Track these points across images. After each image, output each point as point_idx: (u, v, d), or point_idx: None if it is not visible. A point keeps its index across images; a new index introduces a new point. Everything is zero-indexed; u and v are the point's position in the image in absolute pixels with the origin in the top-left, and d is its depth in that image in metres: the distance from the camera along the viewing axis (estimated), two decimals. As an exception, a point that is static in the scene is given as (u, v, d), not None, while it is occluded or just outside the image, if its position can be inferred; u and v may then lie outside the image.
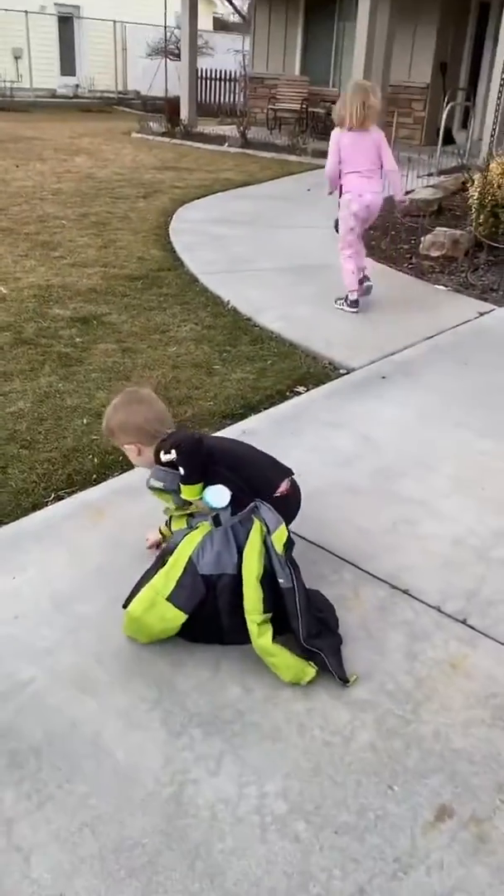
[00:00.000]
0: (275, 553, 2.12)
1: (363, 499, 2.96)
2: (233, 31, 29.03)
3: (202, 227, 7.21)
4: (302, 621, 2.12)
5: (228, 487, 2.14)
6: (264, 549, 2.13)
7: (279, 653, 2.09)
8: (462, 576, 2.54)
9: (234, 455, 2.30)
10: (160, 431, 2.27)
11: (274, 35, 15.53)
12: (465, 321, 4.86)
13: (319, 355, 4.34)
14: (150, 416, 2.29)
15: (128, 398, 2.37)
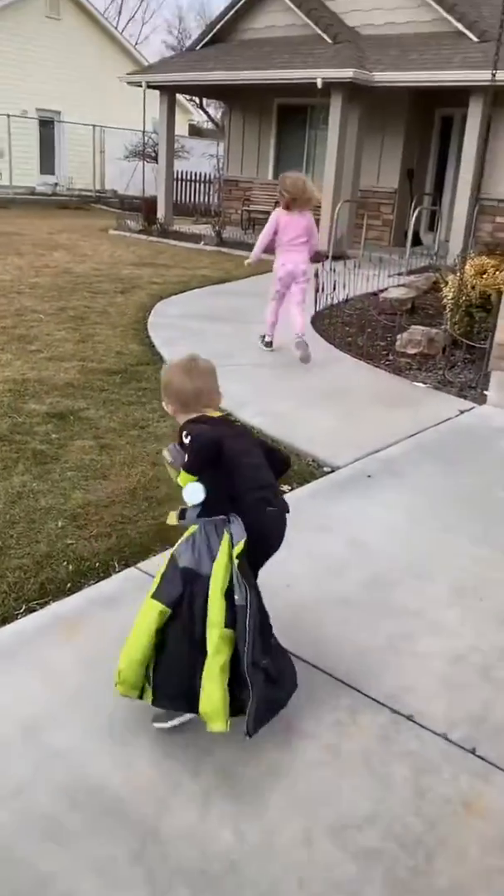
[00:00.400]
0: (235, 568, 2.11)
1: (358, 612, 2.80)
2: (208, 137, 30.51)
3: (181, 321, 7.24)
4: (248, 643, 2.07)
5: (213, 493, 2.14)
6: (230, 563, 2.12)
7: (217, 684, 2.05)
8: (467, 698, 2.37)
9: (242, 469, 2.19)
10: (194, 407, 2.29)
11: (247, 142, 16.26)
12: (446, 419, 4.84)
13: (303, 452, 4.25)
14: (188, 387, 2.29)
15: (181, 364, 2.35)
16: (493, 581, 3.05)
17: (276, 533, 2.27)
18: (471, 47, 12.02)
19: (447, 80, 11.72)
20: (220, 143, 21.33)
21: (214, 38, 15.18)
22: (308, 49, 13.26)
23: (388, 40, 13.17)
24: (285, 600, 2.82)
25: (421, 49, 12.55)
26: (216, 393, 2.34)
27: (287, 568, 3.01)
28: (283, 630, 2.64)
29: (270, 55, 13.72)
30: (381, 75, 12.32)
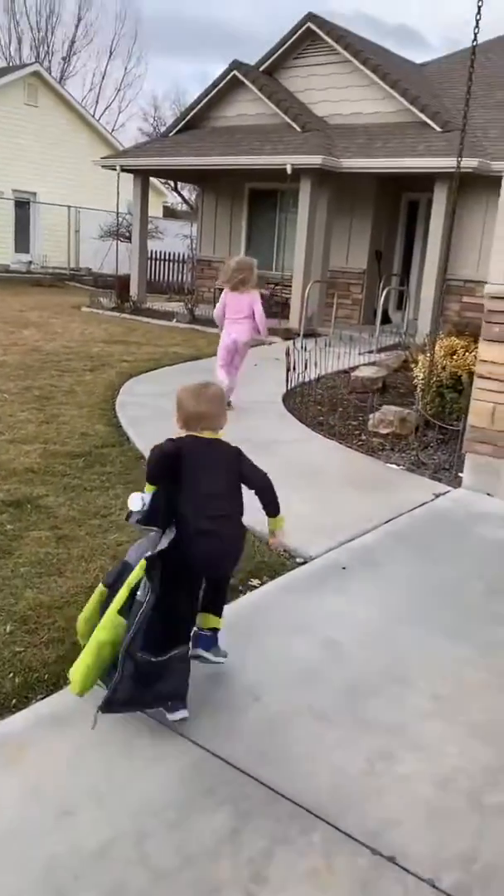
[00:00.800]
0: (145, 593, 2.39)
1: (333, 727, 2.55)
2: (182, 218, 31.28)
3: (151, 400, 7.10)
4: (131, 632, 2.35)
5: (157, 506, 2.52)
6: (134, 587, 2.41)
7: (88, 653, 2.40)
8: (455, 832, 2.12)
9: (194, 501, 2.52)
10: (194, 426, 2.62)
11: (220, 223, 16.61)
12: (421, 503, 4.68)
13: (273, 542, 4.04)
14: (192, 409, 2.64)
15: (193, 388, 2.69)
16: (476, 686, 2.82)
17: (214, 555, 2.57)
18: (434, 136, 12.48)
19: (412, 167, 12.11)
20: (194, 224, 21.82)
21: (188, 125, 15.66)
22: (278, 136, 13.69)
23: (355, 129, 13.66)
24: (254, 716, 2.58)
25: (386, 137, 13.01)
26: (218, 417, 2.68)
27: (257, 677, 2.79)
28: (251, 751, 2.39)
29: (241, 142, 14.14)
30: (349, 162, 12.70)
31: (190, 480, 2.53)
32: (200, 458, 2.58)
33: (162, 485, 2.54)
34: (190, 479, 2.53)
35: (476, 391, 4.90)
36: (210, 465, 2.60)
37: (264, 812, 2.17)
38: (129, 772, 2.31)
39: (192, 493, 2.52)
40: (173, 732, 2.48)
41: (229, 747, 2.42)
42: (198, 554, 2.51)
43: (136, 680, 2.36)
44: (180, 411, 2.67)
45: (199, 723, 2.53)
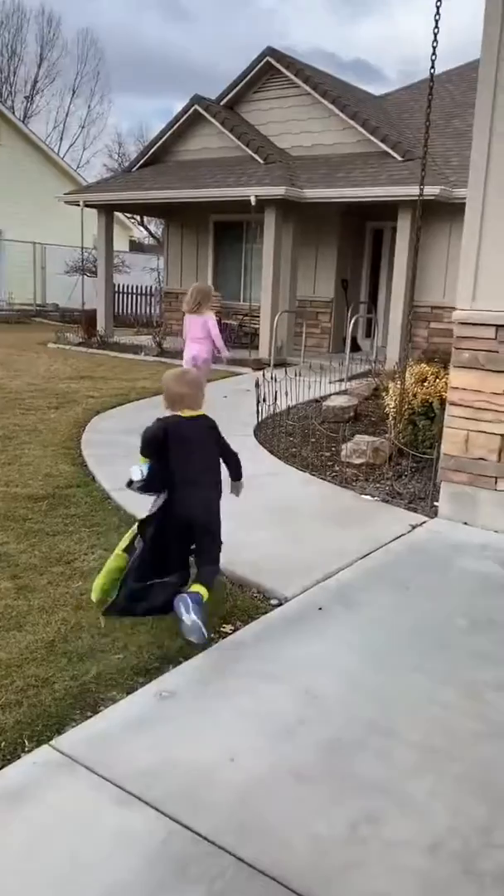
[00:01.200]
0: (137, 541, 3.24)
1: (314, 788, 2.36)
2: (148, 251, 31.35)
3: (117, 437, 6.91)
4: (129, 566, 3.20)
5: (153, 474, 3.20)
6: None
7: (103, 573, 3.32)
8: (451, 906, 1.94)
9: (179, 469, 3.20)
10: (178, 406, 3.27)
11: (186, 256, 16.59)
12: (398, 536, 4.54)
13: (246, 582, 3.87)
14: (175, 391, 3.29)
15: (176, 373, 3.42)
16: (464, 734, 2.66)
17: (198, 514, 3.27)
18: (396, 165, 12.61)
19: (375, 196, 12.19)
20: (161, 257, 21.82)
21: (151, 160, 15.69)
22: (241, 169, 13.75)
23: (317, 160, 13.77)
24: (228, 779, 2.39)
25: (349, 168, 13.12)
26: (196, 398, 3.31)
27: (232, 735, 2.60)
28: (226, 820, 2.20)
29: (205, 175, 14.18)
30: (312, 192, 12.77)
31: (176, 451, 3.20)
32: (183, 432, 3.24)
33: (154, 457, 3.21)
34: (176, 450, 3.20)
35: (448, 419, 4.80)
36: (191, 437, 3.27)
37: (241, 890, 1.98)
38: (94, 853, 2.10)
39: (178, 460, 3.19)
40: (140, 802, 2.28)
41: (203, 819, 2.22)
42: (185, 505, 3.21)
43: (129, 598, 3.17)
44: (166, 393, 3.34)
45: (169, 789, 2.33)
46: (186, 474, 3.21)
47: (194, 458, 3.24)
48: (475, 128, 4.44)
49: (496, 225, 4.43)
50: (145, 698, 2.82)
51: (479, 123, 4.44)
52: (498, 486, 4.62)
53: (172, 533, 3.24)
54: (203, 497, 3.27)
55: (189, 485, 3.22)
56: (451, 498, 4.83)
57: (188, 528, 3.26)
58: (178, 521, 3.23)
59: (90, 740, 2.55)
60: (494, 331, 4.50)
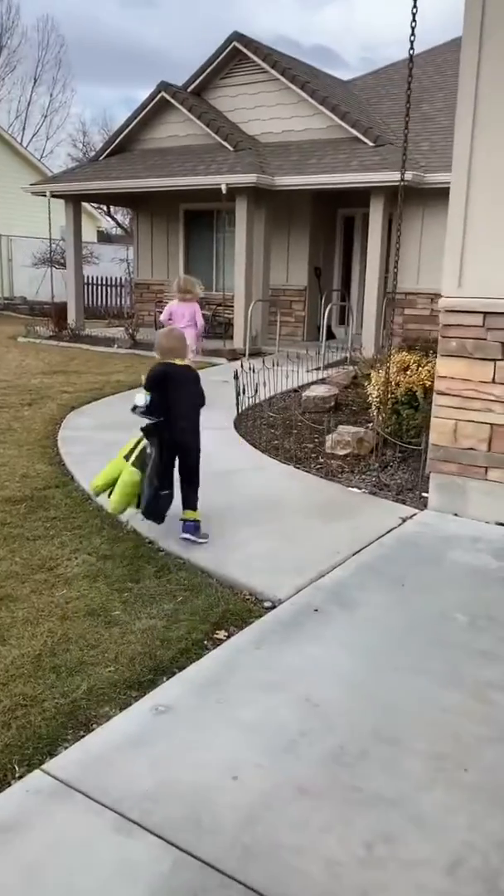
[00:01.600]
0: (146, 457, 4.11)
1: (321, 806, 2.25)
2: (117, 242, 30.93)
3: (94, 434, 6.74)
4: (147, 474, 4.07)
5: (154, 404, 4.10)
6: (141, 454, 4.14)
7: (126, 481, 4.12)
8: (476, 930, 1.84)
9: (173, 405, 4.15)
10: (168, 356, 4.26)
11: (156, 246, 16.34)
12: (389, 529, 4.45)
13: (237, 584, 3.75)
14: (165, 346, 4.30)
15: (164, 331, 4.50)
16: (471, 739, 2.57)
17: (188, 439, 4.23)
18: (367, 151, 12.48)
19: (348, 183, 12.06)
20: (130, 248, 21.48)
21: (118, 148, 15.38)
22: (211, 157, 13.52)
23: (288, 147, 13.59)
24: (232, 799, 2.27)
25: (320, 154, 12.96)
26: (182, 350, 4.33)
27: (233, 751, 2.48)
28: (232, 845, 2.08)
29: (173, 163, 13.93)
30: (283, 179, 12.60)
31: (172, 388, 4.17)
32: (177, 374, 4.24)
33: (155, 390, 4.14)
34: (172, 388, 4.17)
35: (436, 408, 4.71)
36: (181, 380, 4.26)
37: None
38: (95, 888, 1.97)
39: (174, 396, 4.16)
40: (142, 829, 2.15)
41: (208, 844, 2.10)
42: (178, 431, 4.17)
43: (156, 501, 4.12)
44: (159, 348, 4.34)
45: (170, 813, 2.21)
46: (179, 408, 4.17)
47: (184, 395, 4.22)
48: (458, 108, 4.32)
49: (481, 208, 4.32)
50: (140, 714, 2.69)
51: (462, 105, 4.32)
52: (488, 475, 4.55)
53: (168, 455, 4.17)
54: (192, 428, 4.25)
55: (181, 417, 4.18)
56: (440, 489, 4.75)
57: (178, 450, 4.21)
58: (172, 444, 4.16)
59: (85, 763, 2.42)
60: (482, 318, 4.41)
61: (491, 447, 4.51)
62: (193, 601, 3.53)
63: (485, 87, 4.26)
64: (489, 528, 4.50)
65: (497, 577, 3.85)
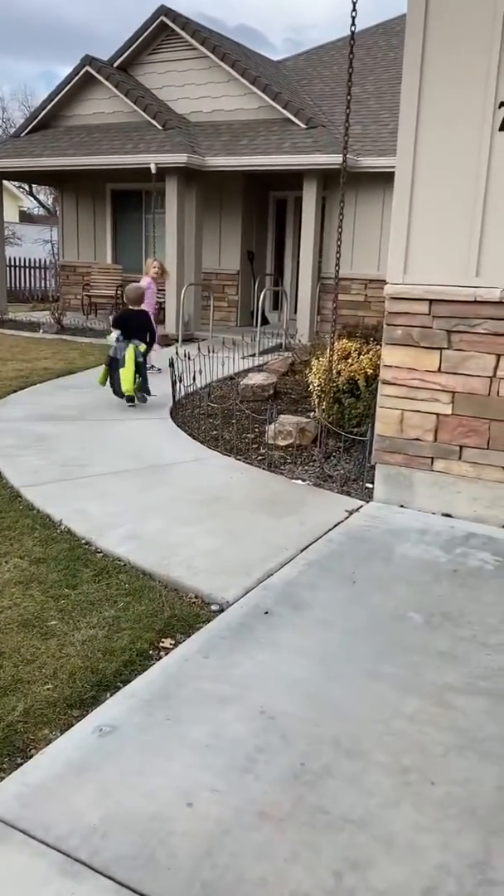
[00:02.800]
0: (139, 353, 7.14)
1: (284, 830, 2.10)
2: (39, 223, 29.93)
3: (22, 425, 6.40)
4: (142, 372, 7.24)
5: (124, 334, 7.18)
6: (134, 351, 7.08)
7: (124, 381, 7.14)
8: None
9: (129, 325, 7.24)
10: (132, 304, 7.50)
11: (83, 227, 15.81)
12: (336, 523, 4.33)
13: (182, 586, 3.56)
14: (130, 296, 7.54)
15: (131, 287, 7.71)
16: (436, 749, 2.46)
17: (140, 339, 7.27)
18: (299, 133, 12.32)
19: (280, 164, 11.89)
20: (54, 228, 20.76)
21: (40, 125, 14.76)
22: (139, 135, 13.11)
23: (218, 127, 13.30)
24: (188, 829, 2.10)
25: (251, 135, 12.73)
26: (140, 299, 7.56)
27: (185, 774, 2.30)
28: (189, 884, 1.91)
29: (100, 141, 13.46)
30: (215, 160, 12.33)
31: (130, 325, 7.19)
32: (134, 316, 7.33)
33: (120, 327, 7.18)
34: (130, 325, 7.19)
35: (382, 398, 4.61)
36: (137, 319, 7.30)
37: None
38: (38, 944, 1.77)
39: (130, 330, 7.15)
40: (90, 870, 1.96)
41: (163, 883, 1.92)
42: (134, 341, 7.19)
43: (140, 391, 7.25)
44: (127, 297, 7.56)
45: (121, 849, 2.02)
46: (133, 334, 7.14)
47: (139, 326, 7.27)
48: (402, 98, 4.18)
49: (428, 193, 4.22)
50: (83, 736, 2.48)
51: (406, 95, 4.18)
52: (434, 466, 4.48)
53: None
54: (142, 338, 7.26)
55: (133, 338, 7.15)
56: (386, 480, 4.66)
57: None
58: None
59: (24, 796, 2.20)
60: (428, 305, 4.31)
61: (437, 437, 4.44)
62: (136, 607, 3.33)
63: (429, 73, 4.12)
64: (436, 519, 4.44)
65: (447, 570, 3.78)
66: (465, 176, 4.11)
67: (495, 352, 4.21)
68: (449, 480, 4.46)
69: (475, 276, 4.17)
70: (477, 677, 2.86)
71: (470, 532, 4.27)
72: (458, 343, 4.30)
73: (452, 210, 4.17)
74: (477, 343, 4.25)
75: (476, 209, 4.11)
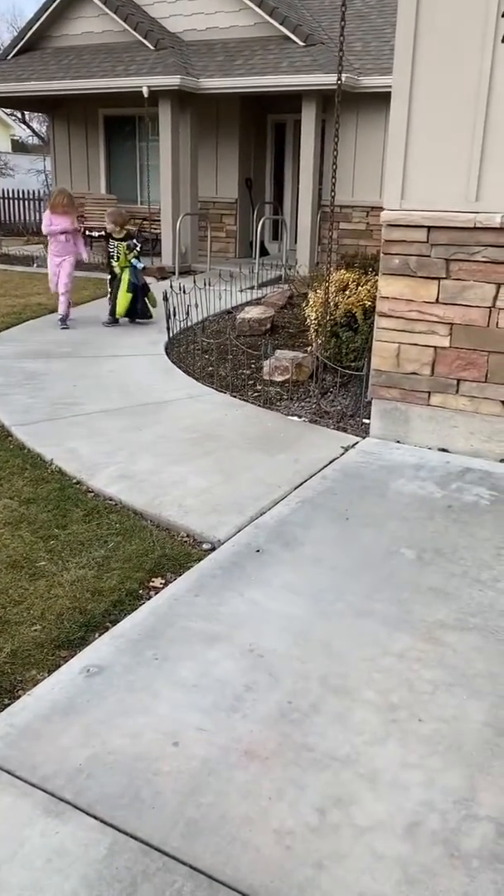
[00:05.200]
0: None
1: (271, 769, 2.10)
2: (33, 152, 29.04)
3: (14, 363, 6.30)
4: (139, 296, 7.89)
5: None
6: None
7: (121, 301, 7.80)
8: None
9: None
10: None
11: (76, 155, 15.29)
12: (330, 460, 4.27)
13: (174, 526, 3.52)
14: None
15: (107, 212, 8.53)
16: (424, 686, 2.45)
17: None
18: (298, 51, 11.75)
19: (277, 85, 11.38)
20: (48, 158, 20.12)
21: (28, 46, 14.10)
22: (130, 56, 12.52)
23: (213, 46, 12.69)
24: (173, 768, 2.10)
25: (247, 54, 12.15)
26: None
27: (172, 712, 2.30)
28: (175, 821, 1.92)
29: (90, 63, 12.87)
30: (209, 82, 11.80)
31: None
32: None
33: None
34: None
35: (378, 331, 4.48)
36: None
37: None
38: (24, 879, 1.78)
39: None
40: (75, 809, 1.97)
41: (148, 822, 1.93)
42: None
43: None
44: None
45: (106, 789, 2.03)
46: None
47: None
48: (400, 7, 3.92)
49: (426, 111, 3.99)
50: (70, 677, 2.47)
51: (404, 4, 3.91)
52: (431, 401, 4.39)
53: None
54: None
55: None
56: (382, 415, 4.57)
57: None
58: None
59: (10, 737, 2.21)
60: (426, 233, 4.14)
61: (434, 371, 4.33)
62: (126, 546, 3.30)
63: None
64: (432, 454, 4.38)
65: (442, 506, 3.73)
66: (466, 93, 3.89)
67: (495, 281, 4.06)
68: (446, 415, 4.37)
69: (475, 200, 3.98)
70: (468, 613, 2.84)
71: (466, 467, 4.21)
72: (456, 272, 4.14)
73: (452, 130, 3.96)
74: (476, 272, 4.09)
75: (476, 129, 3.90)
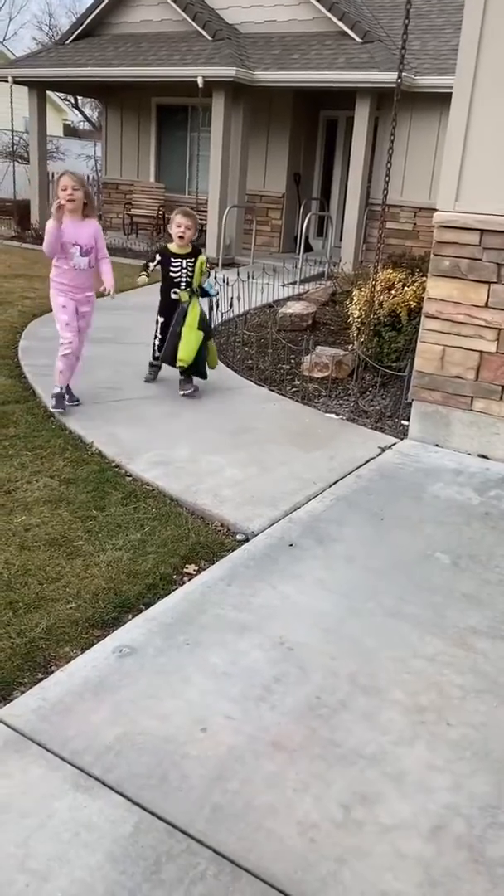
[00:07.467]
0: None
1: (296, 762, 2.11)
2: (84, 137, 29.26)
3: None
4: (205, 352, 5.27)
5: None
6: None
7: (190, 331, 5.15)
8: (460, 903, 1.73)
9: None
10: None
11: (126, 142, 15.38)
12: (367, 459, 4.25)
13: (209, 514, 3.55)
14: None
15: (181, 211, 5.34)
16: (454, 691, 2.44)
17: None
18: (355, 47, 11.67)
19: (333, 81, 11.31)
20: (98, 144, 20.27)
21: (86, 32, 14.19)
22: (187, 46, 12.55)
23: (270, 39, 12.66)
24: (201, 753, 2.13)
25: (304, 49, 12.10)
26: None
27: (201, 698, 2.32)
28: (201, 805, 1.94)
29: (147, 51, 12.92)
30: (264, 75, 11.78)
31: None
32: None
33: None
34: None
35: (423, 332, 4.45)
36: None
37: (222, 891, 1.73)
38: (51, 851, 1.81)
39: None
40: (103, 786, 2.00)
41: (174, 803, 1.96)
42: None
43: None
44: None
45: (134, 768, 2.06)
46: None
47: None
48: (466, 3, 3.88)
49: (487, 110, 3.95)
50: (103, 655, 2.51)
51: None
52: (474, 406, 4.35)
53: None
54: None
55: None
56: (422, 418, 4.54)
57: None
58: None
59: (42, 710, 2.25)
60: (479, 236, 4.10)
61: (479, 376, 4.29)
62: (162, 532, 3.33)
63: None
64: (472, 460, 4.34)
65: (479, 513, 3.70)
66: (530, 96, 3.83)
67: (547, 288, 4.00)
68: (488, 421, 4.33)
69: (531, 206, 3.93)
70: (501, 622, 2.82)
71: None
72: (507, 278, 4.09)
73: (512, 133, 3.91)
74: (528, 278, 4.04)
75: (538, 133, 3.85)
